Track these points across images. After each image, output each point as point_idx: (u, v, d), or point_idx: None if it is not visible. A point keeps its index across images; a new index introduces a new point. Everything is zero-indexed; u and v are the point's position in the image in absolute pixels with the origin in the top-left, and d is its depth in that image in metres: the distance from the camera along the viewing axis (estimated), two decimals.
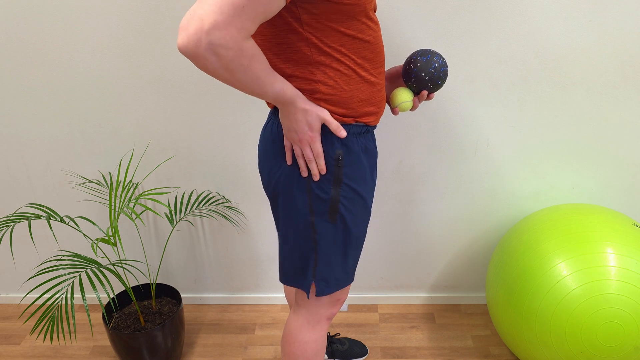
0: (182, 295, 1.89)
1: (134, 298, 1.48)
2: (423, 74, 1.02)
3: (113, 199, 1.63)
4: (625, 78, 1.44)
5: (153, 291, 1.58)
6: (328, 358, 1.60)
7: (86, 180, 1.66)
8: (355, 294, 1.88)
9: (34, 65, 1.48)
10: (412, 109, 1.08)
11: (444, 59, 1.04)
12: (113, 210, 1.36)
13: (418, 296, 1.87)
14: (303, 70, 0.90)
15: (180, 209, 1.59)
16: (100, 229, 1.48)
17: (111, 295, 1.83)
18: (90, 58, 1.46)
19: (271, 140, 1.00)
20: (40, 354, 1.67)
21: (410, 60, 1.04)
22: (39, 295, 1.75)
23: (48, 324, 1.22)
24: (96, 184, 1.65)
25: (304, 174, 0.96)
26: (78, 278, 1.86)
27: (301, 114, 0.91)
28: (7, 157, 1.64)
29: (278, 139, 0.99)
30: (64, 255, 1.38)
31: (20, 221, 1.35)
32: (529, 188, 1.63)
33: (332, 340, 1.61)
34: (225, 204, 1.69)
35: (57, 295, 1.81)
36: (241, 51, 0.76)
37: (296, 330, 1.15)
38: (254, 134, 1.57)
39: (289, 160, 0.97)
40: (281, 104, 0.90)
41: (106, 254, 1.81)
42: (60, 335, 1.74)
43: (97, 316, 1.86)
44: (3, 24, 1.42)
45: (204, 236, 1.76)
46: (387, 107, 1.48)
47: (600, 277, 1.22)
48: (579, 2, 1.35)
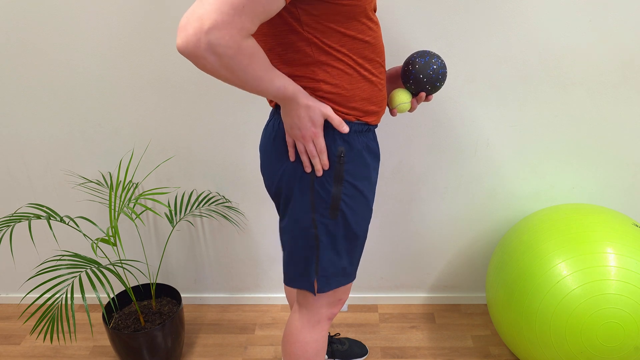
0: (182, 295, 1.89)
1: (134, 298, 1.48)
2: (421, 76, 1.02)
3: (113, 199, 1.63)
4: (625, 78, 1.44)
5: (153, 291, 1.58)
6: (328, 358, 1.60)
7: (86, 180, 1.66)
8: (355, 294, 1.88)
9: (34, 65, 1.48)
10: (411, 110, 1.08)
11: (442, 60, 1.04)
12: (113, 210, 1.36)
13: (418, 296, 1.87)
14: (305, 69, 0.91)
15: (180, 209, 1.59)
16: (100, 229, 1.48)
17: (111, 295, 1.83)
18: (90, 58, 1.46)
19: (272, 138, 1.01)
20: (40, 354, 1.67)
21: (409, 61, 1.03)
22: (39, 295, 1.75)
23: (48, 324, 1.22)
24: (96, 184, 1.65)
25: (308, 169, 0.96)
26: (78, 278, 1.86)
27: (304, 110, 0.91)
28: (7, 157, 1.64)
29: (279, 136, 0.99)
30: (64, 255, 1.37)
31: (20, 221, 1.35)
32: (529, 188, 1.63)
33: (332, 340, 1.62)
34: (225, 204, 1.69)
35: (57, 295, 1.81)
36: (241, 50, 0.76)
37: (297, 330, 1.15)
38: (254, 134, 1.57)
39: (291, 156, 0.97)
40: (283, 101, 0.90)
41: (106, 254, 1.81)
42: (60, 335, 1.74)
43: (97, 316, 1.86)
44: (3, 24, 1.42)
45: (204, 236, 1.76)
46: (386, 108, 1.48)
47: (600, 277, 1.22)
48: (579, 2, 1.35)
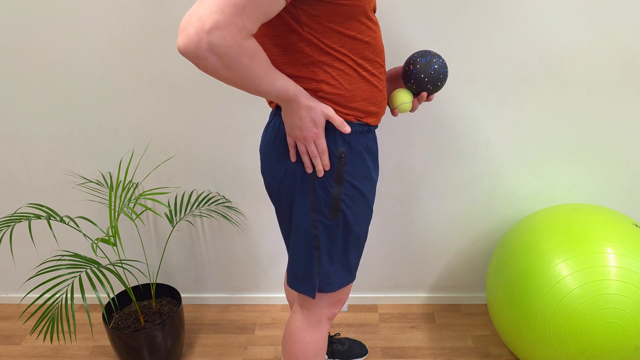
0: (182, 295, 1.89)
1: (134, 298, 1.48)
2: (422, 76, 1.02)
3: (113, 199, 1.63)
4: (625, 78, 1.44)
5: (153, 291, 1.58)
6: (328, 358, 1.60)
7: (86, 180, 1.66)
8: (355, 294, 1.88)
9: (34, 65, 1.48)
10: (412, 110, 1.08)
11: (443, 60, 1.04)
12: (113, 210, 1.36)
13: (418, 296, 1.87)
14: (305, 70, 0.91)
15: (180, 209, 1.59)
16: (100, 229, 1.48)
17: (111, 295, 1.83)
18: (90, 58, 1.46)
19: (272, 139, 1.00)
20: (40, 354, 1.67)
21: (410, 61, 1.04)
22: (39, 295, 1.75)
23: (48, 324, 1.22)
24: (96, 184, 1.65)
25: (309, 170, 0.96)
26: (78, 278, 1.86)
27: (305, 111, 0.90)
28: (7, 157, 1.64)
29: (279, 137, 0.99)
30: (64, 255, 1.37)
31: (20, 221, 1.35)
32: (529, 188, 1.63)
33: (332, 340, 1.61)
34: (225, 204, 1.69)
35: (57, 295, 1.81)
36: (242, 50, 0.76)
37: (297, 330, 1.15)
38: (254, 134, 1.57)
39: (292, 157, 0.97)
40: (284, 102, 0.90)
41: (106, 254, 1.81)
42: (60, 335, 1.74)
43: (97, 316, 1.86)
44: (3, 24, 1.42)
45: (204, 236, 1.76)
46: (387, 108, 1.48)
47: (600, 277, 1.22)
48: (579, 2, 1.35)
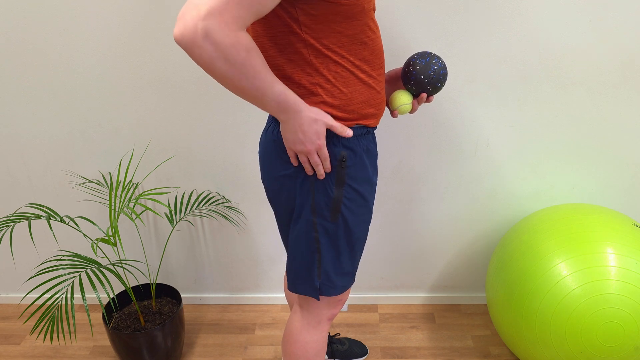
0: (182, 295, 1.89)
1: (134, 298, 1.48)
2: (422, 77, 1.02)
3: (113, 199, 1.63)
4: (625, 78, 1.44)
5: (153, 291, 1.58)
6: (328, 358, 1.60)
7: (86, 180, 1.66)
8: (355, 294, 1.88)
9: (34, 66, 1.48)
10: (412, 111, 1.08)
11: (443, 61, 1.04)
12: (113, 210, 1.36)
13: (418, 296, 1.87)
14: (302, 72, 0.90)
15: (180, 209, 1.59)
16: (100, 229, 1.48)
17: (111, 295, 1.83)
18: (90, 58, 1.46)
19: (271, 143, 1.00)
20: (40, 354, 1.67)
21: (410, 62, 1.04)
22: (39, 295, 1.75)
23: (48, 324, 1.22)
24: (96, 184, 1.65)
25: (310, 173, 0.96)
26: (78, 278, 1.86)
27: (308, 124, 0.88)
28: (7, 157, 1.64)
29: (278, 142, 0.98)
30: (64, 255, 1.37)
31: (20, 221, 1.35)
32: (529, 188, 1.63)
33: (332, 340, 1.61)
34: (225, 204, 1.69)
35: (57, 295, 1.81)
36: (238, 40, 0.75)
37: (297, 331, 1.15)
38: (254, 134, 1.57)
39: (294, 163, 0.96)
40: (284, 112, 0.87)
41: (106, 254, 1.81)
42: (60, 335, 1.74)
43: (97, 316, 1.86)
44: (3, 24, 1.42)
45: (204, 236, 1.76)
46: (386, 109, 1.48)
47: (600, 277, 1.22)
48: (579, 2, 1.35)
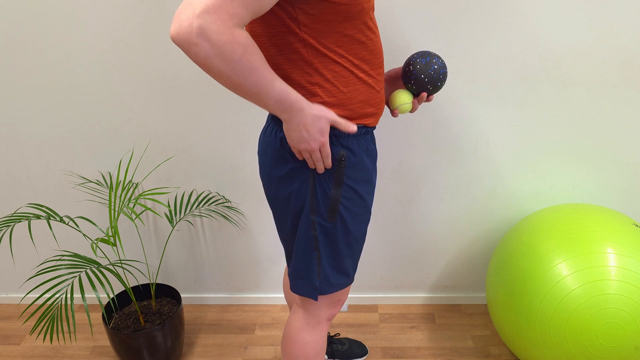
0: (182, 295, 1.89)
1: (133, 298, 1.48)
2: (422, 76, 1.02)
3: (113, 199, 1.63)
4: (625, 78, 1.44)
5: (153, 291, 1.58)
6: (328, 358, 1.60)
7: (86, 180, 1.66)
8: (355, 294, 1.88)
9: (33, 65, 1.48)
10: (412, 111, 1.08)
11: (443, 61, 1.04)
12: (113, 210, 1.36)
13: (418, 296, 1.87)
14: (301, 72, 0.90)
15: (180, 209, 1.59)
16: (100, 229, 1.48)
17: (111, 296, 1.83)
18: (90, 57, 1.46)
19: (270, 143, 1.00)
20: (40, 354, 1.67)
21: (410, 62, 1.04)
22: (39, 295, 1.75)
23: (48, 324, 1.22)
24: (96, 184, 1.65)
25: (312, 167, 0.95)
26: (78, 278, 1.85)
27: (311, 122, 0.88)
28: (7, 157, 1.64)
29: (277, 142, 0.98)
30: (63, 255, 1.38)
31: (20, 221, 1.35)
32: (529, 188, 1.63)
33: (332, 340, 1.61)
34: (225, 204, 1.69)
35: (57, 295, 1.81)
36: (233, 38, 0.74)
37: (296, 331, 1.15)
38: (254, 134, 1.57)
39: (300, 158, 0.95)
40: (287, 111, 0.86)
41: (106, 254, 1.81)
42: (60, 335, 1.74)
43: (97, 316, 1.86)
44: (3, 24, 1.42)
45: (204, 236, 1.76)
46: (387, 108, 1.48)
47: (601, 277, 1.22)
48: (579, 2, 1.35)
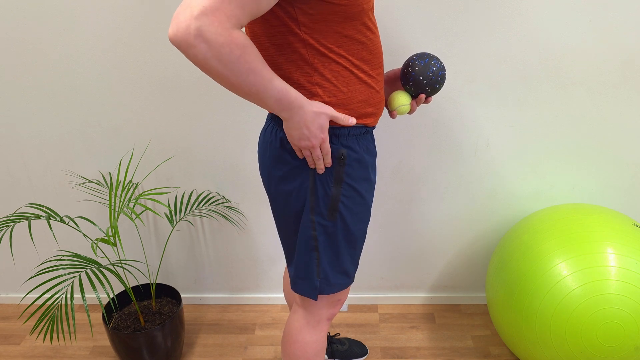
0: (182, 295, 1.89)
1: (133, 298, 1.48)
2: (421, 78, 1.02)
3: (113, 199, 1.63)
4: (625, 78, 1.44)
5: (153, 291, 1.58)
6: (328, 358, 1.60)
7: (86, 180, 1.66)
8: (355, 294, 1.88)
9: (33, 65, 1.48)
10: (410, 112, 1.08)
11: (442, 62, 1.05)
12: (113, 210, 1.36)
13: (418, 296, 1.87)
14: (301, 72, 0.90)
15: (180, 209, 1.59)
16: (100, 229, 1.48)
17: (111, 296, 1.83)
18: (90, 57, 1.46)
19: (270, 143, 1.00)
20: (40, 354, 1.67)
21: (408, 63, 1.04)
22: (39, 295, 1.75)
23: (48, 324, 1.22)
24: (96, 184, 1.65)
25: (312, 166, 0.96)
26: (78, 278, 1.85)
27: (312, 119, 0.88)
28: (7, 157, 1.64)
29: (277, 141, 0.98)
30: (63, 255, 1.37)
31: (20, 221, 1.35)
32: (529, 188, 1.63)
33: (332, 340, 1.61)
34: (225, 204, 1.69)
35: (57, 295, 1.81)
36: (231, 39, 0.75)
37: (296, 331, 1.15)
38: (254, 134, 1.57)
39: (300, 156, 0.96)
40: (286, 109, 0.86)
41: (106, 254, 1.81)
42: (60, 335, 1.74)
43: (97, 316, 1.86)
44: (3, 24, 1.42)
45: (204, 236, 1.76)
46: (385, 109, 1.48)
47: (601, 277, 1.22)
48: (579, 2, 1.35)
